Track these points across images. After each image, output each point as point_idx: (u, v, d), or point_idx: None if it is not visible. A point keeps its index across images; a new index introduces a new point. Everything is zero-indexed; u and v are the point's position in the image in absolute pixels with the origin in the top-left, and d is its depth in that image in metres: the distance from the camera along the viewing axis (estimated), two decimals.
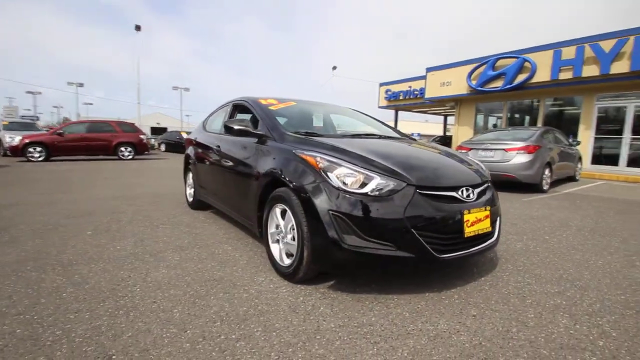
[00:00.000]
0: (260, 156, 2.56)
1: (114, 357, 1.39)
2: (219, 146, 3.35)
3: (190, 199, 4.41)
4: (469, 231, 2.00)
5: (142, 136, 13.24)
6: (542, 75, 11.80)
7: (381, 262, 1.87)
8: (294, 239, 2.10)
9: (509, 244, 3.12)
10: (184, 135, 18.11)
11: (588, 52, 10.56)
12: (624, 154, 11.03)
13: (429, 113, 24.68)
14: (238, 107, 3.57)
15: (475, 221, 2.03)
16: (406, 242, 1.83)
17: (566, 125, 12.11)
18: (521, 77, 12.35)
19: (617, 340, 1.62)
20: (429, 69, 16.35)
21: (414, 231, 1.83)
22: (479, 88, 13.75)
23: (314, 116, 3.50)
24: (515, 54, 12.56)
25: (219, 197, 3.44)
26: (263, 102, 3.09)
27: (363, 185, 1.90)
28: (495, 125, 15.50)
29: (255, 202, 2.52)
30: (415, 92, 18.88)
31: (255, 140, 2.73)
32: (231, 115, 3.56)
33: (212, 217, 3.94)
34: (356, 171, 1.95)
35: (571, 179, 8.71)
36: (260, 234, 2.56)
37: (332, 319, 1.75)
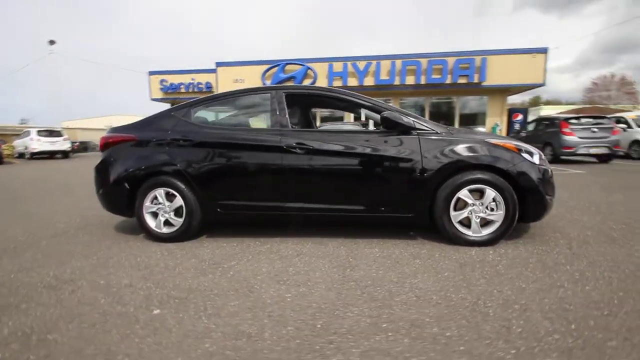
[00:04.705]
0: (427, 148, 2.69)
1: None
2: (301, 143, 2.83)
3: (168, 230, 2.97)
4: None
5: None
6: (322, 82, 14.99)
7: (547, 210, 2.72)
8: (492, 210, 2.62)
9: None
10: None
11: (350, 68, 14.54)
12: None
13: None
14: (292, 97, 3.13)
15: None
16: (554, 192, 2.79)
17: (333, 121, 16.07)
18: (307, 82, 15.09)
19: None
20: (219, 64, 16.40)
21: None
22: None
23: None
24: (300, 61, 15.10)
25: (300, 200, 2.90)
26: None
27: (532, 157, 2.69)
28: None
29: (425, 193, 2.69)
30: (201, 86, 18.23)
31: (396, 133, 2.76)
32: (279, 106, 2.99)
33: (242, 241, 2.94)
34: (529, 149, 2.73)
35: None
36: (431, 223, 2.77)
37: (537, 271, 2.30)
